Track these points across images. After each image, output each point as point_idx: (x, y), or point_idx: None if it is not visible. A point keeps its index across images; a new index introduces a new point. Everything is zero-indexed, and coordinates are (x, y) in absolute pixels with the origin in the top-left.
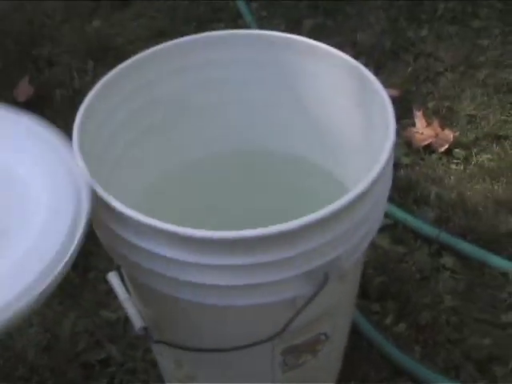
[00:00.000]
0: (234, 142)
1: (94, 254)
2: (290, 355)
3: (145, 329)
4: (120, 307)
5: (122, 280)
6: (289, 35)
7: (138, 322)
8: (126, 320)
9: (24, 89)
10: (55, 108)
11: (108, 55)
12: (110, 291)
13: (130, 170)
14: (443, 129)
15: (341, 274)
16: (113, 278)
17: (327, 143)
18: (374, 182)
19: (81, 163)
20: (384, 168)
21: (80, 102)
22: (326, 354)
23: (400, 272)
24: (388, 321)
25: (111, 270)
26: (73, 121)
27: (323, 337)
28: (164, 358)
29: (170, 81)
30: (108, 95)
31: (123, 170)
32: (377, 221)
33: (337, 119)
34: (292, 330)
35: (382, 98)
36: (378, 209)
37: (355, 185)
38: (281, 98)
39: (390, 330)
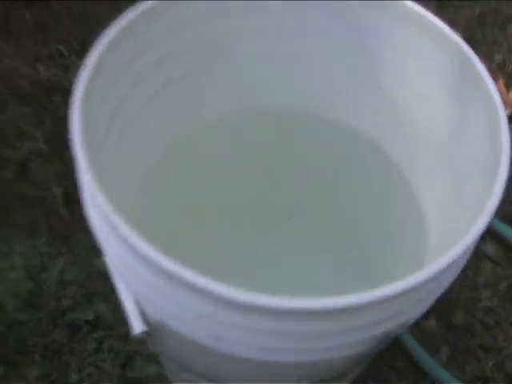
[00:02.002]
0: (274, 100)
1: None
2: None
3: (147, 333)
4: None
5: None
6: None
7: (138, 325)
8: None
9: None
10: (62, 2)
11: None
12: None
13: (138, 139)
14: (508, 90)
15: (403, 332)
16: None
17: (394, 122)
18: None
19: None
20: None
21: None
22: (351, 376)
23: None
24: None
25: None
26: (81, 21)
27: (352, 367)
28: (167, 359)
29: (204, 24)
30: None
31: (136, 131)
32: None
33: (415, 97)
34: None
35: (487, 91)
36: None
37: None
38: (347, 59)
39: (419, 326)
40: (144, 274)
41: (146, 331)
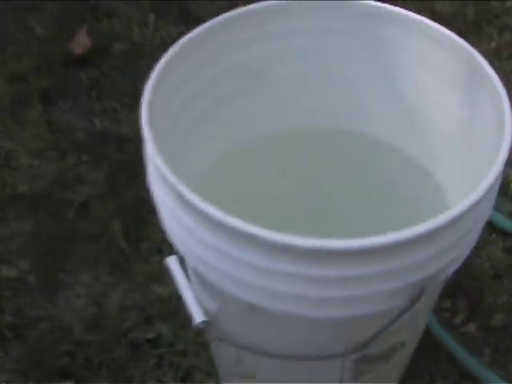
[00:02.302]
0: (310, 118)
1: (147, 223)
2: (362, 364)
3: (206, 323)
4: (173, 282)
5: (183, 266)
6: (386, 5)
7: (198, 315)
8: (179, 297)
9: (81, 40)
10: (112, 62)
11: (171, 9)
12: (163, 264)
13: (197, 144)
14: None
15: (436, 287)
16: (172, 263)
17: (416, 128)
18: (488, 191)
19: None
20: (498, 176)
21: (138, 57)
22: (398, 360)
23: (472, 267)
24: (458, 320)
25: (165, 241)
26: (129, 77)
27: (399, 345)
28: (222, 352)
29: (243, 50)
30: (178, 65)
31: (190, 145)
32: (479, 231)
33: (431, 102)
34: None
35: (494, 88)
36: (482, 219)
37: (448, 181)
38: (371, 76)
39: (459, 330)
40: (193, 226)
41: (205, 321)
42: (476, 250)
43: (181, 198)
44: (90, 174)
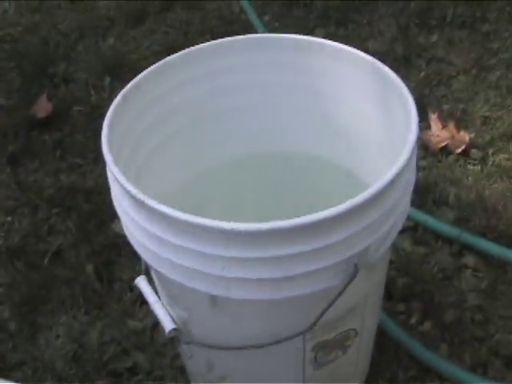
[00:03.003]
0: (253, 146)
1: (118, 265)
2: (321, 352)
3: (175, 330)
4: (146, 316)
5: (150, 284)
6: (306, 37)
7: (168, 324)
8: (153, 328)
9: (43, 105)
10: (73, 124)
11: (123, 71)
12: (136, 301)
13: (152, 178)
14: (459, 131)
15: (370, 265)
16: (141, 283)
17: (347, 143)
18: (403, 170)
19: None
20: (411, 155)
21: (97, 117)
22: (355, 351)
23: (423, 272)
24: (413, 320)
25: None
26: (91, 135)
27: (353, 332)
28: (194, 361)
29: (187, 89)
30: (129, 106)
31: (146, 179)
32: (404, 210)
33: (356, 118)
34: (322, 324)
35: (402, 93)
36: (405, 197)
37: (374, 180)
38: (299, 100)
39: (416, 330)
40: (153, 228)
41: (175, 328)
42: (425, 257)
43: (129, 194)
44: (61, 225)
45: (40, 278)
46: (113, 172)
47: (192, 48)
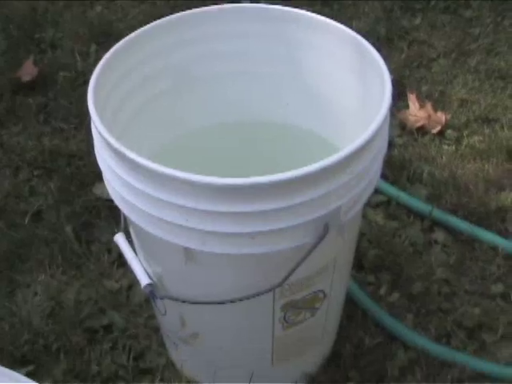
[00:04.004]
0: (236, 113)
1: (97, 227)
2: (290, 311)
3: (150, 285)
4: (123, 277)
5: (128, 241)
6: (292, 9)
7: (144, 279)
8: (129, 289)
9: (28, 69)
10: (58, 88)
11: (110, 39)
12: (113, 262)
13: (137, 137)
14: (436, 111)
15: (340, 226)
16: (119, 239)
17: (324, 112)
18: (375, 134)
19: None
20: (383, 123)
21: (82, 83)
22: (324, 314)
23: (393, 246)
24: (382, 291)
25: (113, 243)
26: (75, 101)
27: (321, 294)
28: (167, 317)
29: (178, 51)
30: (118, 63)
31: (130, 137)
32: (376, 175)
33: (335, 89)
34: (291, 283)
35: (379, 66)
36: (377, 162)
37: None
38: (279, 70)
39: (384, 300)
40: (132, 180)
41: (150, 283)
42: (396, 231)
43: (111, 147)
44: (42, 187)
45: (20, 237)
46: (96, 126)
47: (180, 13)
